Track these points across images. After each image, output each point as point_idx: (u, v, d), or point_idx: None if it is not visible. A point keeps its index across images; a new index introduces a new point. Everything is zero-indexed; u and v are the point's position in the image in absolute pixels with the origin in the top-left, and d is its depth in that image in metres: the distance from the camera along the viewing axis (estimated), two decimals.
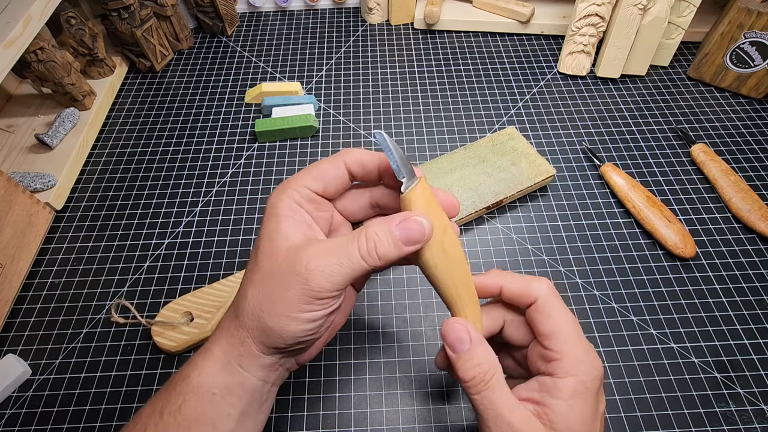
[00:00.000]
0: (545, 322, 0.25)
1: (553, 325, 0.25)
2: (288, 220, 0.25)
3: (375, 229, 0.23)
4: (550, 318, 0.25)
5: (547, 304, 0.25)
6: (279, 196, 0.25)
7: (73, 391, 0.37)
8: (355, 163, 0.26)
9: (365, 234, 0.23)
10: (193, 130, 0.55)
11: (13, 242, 0.41)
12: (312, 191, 0.26)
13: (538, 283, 0.26)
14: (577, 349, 0.24)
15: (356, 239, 0.23)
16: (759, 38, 0.51)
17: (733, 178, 0.46)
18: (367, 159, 0.26)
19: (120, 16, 0.56)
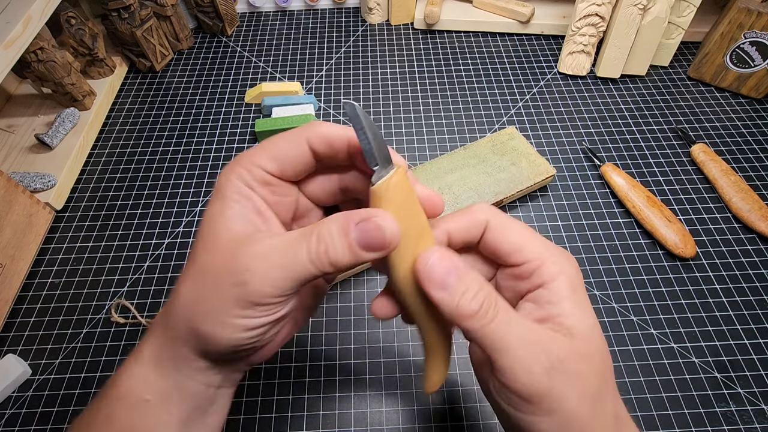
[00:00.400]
0: (506, 238, 0.22)
1: (515, 236, 0.22)
2: (234, 205, 0.21)
3: (329, 228, 0.20)
4: (508, 231, 0.22)
5: (498, 222, 0.23)
6: (227, 175, 0.22)
7: (73, 391, 0.37)
8: (319, 141, 0.22)
9: (317, 233, 0.20)
10: (193, 130, 0.55)
11: (13, 242, 0.41)
12: (267, 172, 0.22)
13: (478, 207, 0.23)
14: (549, 253, 0.22)
15: (307, 238, 0.20)
16: (759, 38, 0.51)
17: (733, 178, 0.46)
18: (334, 135, 0.22)
19: (120, 16, 0.56)
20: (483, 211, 0.23)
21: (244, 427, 0.35)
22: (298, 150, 0.22)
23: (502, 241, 0.22)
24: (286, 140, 0.22)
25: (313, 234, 0.20)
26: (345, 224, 0.19)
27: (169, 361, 0.21)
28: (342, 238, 0.19)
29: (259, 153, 0.22)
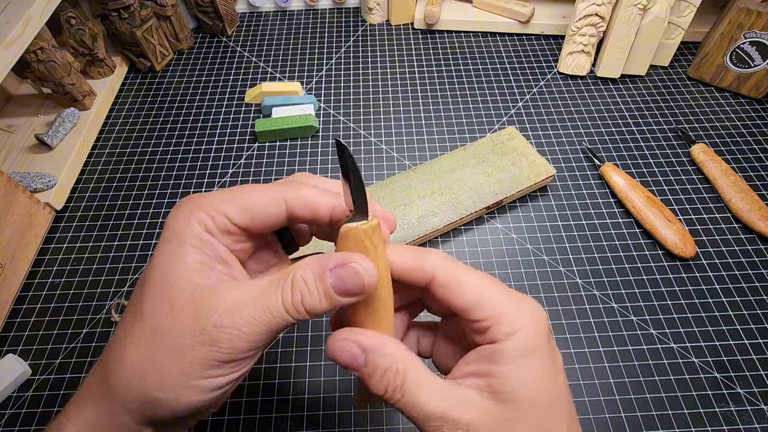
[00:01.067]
0: (456, 295, 0.20)
1: (466, 293, 0.20)
2: (194, 252, 0.19)
3: (303, 275, 0.19)
4: (459, 288, 0.20)
5: (449, 276, 0.20)
6: (186, 218, 0.19)
7: (73, 391, 0.37)
8: (300, 206, 0.21)
9: (291, 280, 0.19)
10: (193, 130, 0.55)
11: (13, 242, 0.41)
12: (233, 223, 0.20)
13: (429, 256, 0.21)
14: (507, 307, 0.20)
15: (280, 286, 0.19)
16: (759, 38, 0.51)
17: (733, 178, 0.46)
18: (317, 202, 0.21)
19: (120, 16, 0.56)
20: (433, 261, 0.21)
21: (244, 427, 0.35)
22: (274, 210, 0.20)
23: (455, 297, 0.20)
24: (262, 195, 0.20)
25: (287, 282, 0.19)
26: (320, 271, 0.19)
27: (108, 430, 0.19)
28: (318, 285, 0.19)
29: (227, 201, 0.20)
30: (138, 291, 0.20)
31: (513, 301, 0.20)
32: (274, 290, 0.19)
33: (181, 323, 0.18)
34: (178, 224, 0.19)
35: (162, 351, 0.18)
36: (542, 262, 0.43)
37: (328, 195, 0.21)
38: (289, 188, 0.21)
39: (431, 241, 0.45)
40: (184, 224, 0.19)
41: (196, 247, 0.19)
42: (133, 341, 0.18)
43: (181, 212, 0.20)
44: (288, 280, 0.19)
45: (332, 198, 0.21)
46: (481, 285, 0.20)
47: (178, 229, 0.19)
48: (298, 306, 0.18)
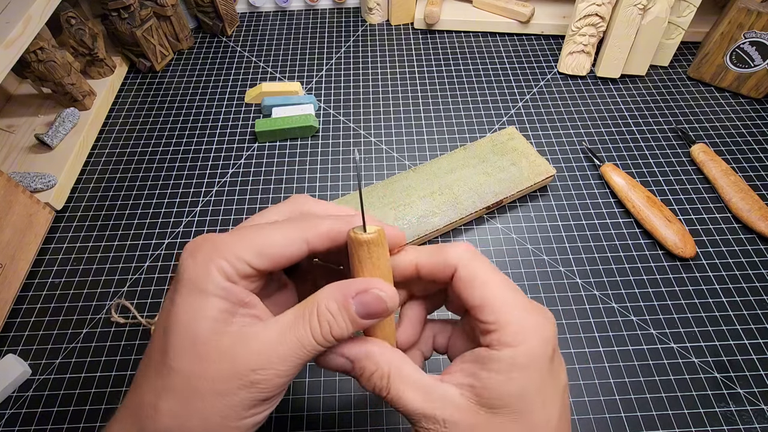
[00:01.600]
0: (471, 293, 0.20)
1: (481, 293, 0.20)
2: (219, 303, 0.19)
3: (327, 306, 0.19)
4: (475, 286, 0.20)
5: (468, 271, 0.21)
6: (205, 266, 0.19)
7: (73, 391, 0.37)
8: (322, 241, 0.21)
9: (317, 313, 0.19)
10: (193, 130, 0.55)
11: (13, 242, 0.41)
12: (253, 267, 0.20)
13: (453, 249, 0.21)
14: (516, 317, 0.19)
15: (307, 320, 0.19)
16: (759, 38, 0.51)
17: (733, 178, 0.46)
18: (337, 232, 0.21)
19: (120, 16, 0.56)
20: (457, 255, 0.21)
21: None
22: (296, 251, 0.20)
23: (467, 292, 0.21)
24: (281, 236, 0.20)
25: (312, 315, 0.19)
26: (344, 300, 0.19)
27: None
28: (344, 314, 0.19)
29: (245, 245, 0.20)
30: (159, 343, 0.19)
31: (524, 313, 0.20)
32: (302, 325, 0.19)
33: (217, 373, 0.18)
34: (198, 273, 0.19)
35: (200, 400, 0.18)
36: (542, 262, 0.43)
37: (341, 220, 0.21)
38: (308, 225, 0.21)
39: (431, 242, 0.45)
40: (203, 273, 0.19)
41: (219, 297, 0.19)
42: (167, 395, 0.18)
43: (199, 259, 0.19)
44: (314, 313, 0.19)
45: (349, 223, 0.21)
46: (497, 287, 0.20)
47: (198, 278, 0.19)
48: (328, 336, 0.19)
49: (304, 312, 0.19)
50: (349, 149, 0.53)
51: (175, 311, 0.19)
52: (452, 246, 0.22)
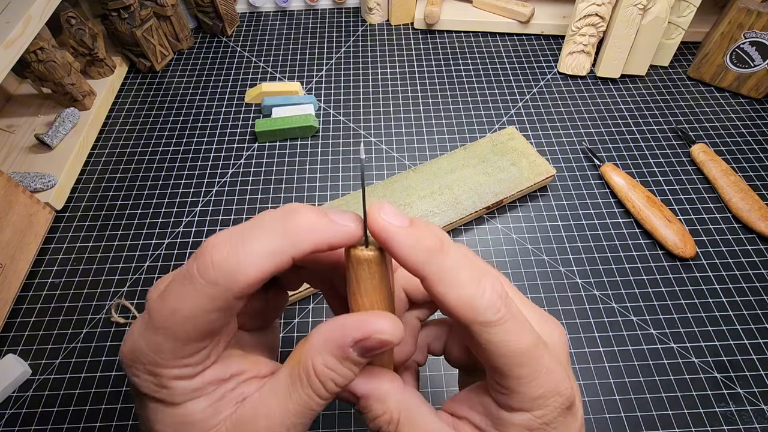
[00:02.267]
0: (483, 351, 0.17)
1: (497, 353, 0.17)
2: (198, 404, 0.17)
3: (325, 363, 0.16)
4: (490, 345, 0.17)
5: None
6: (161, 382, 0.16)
7: (73, 391, 0.37)
8: (260, 284, 0.16)
9: (315, 373, 0.16)
10: (193, 130, 0.55)
11: (13, 242, 0.41)
12: (206, 349, 0.17)
13: (485, 294, 0.17)
14: (535, 383, 0.17)
15: (306, 383, 0.16)
16: (759, 38, 0.51)
17: (733, 178, 0.46)
18: (274, 266, 0.16)
19: (120, 16, 0.56)
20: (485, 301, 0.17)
21: None
22: (233, 310, 0.17)
23: (477, 348, 0.17)
24: (209, 313, 0.16)
25: (310, 375, 0.16)
26: (341, 352, 0.16)
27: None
28: (345, 363, 0.17)
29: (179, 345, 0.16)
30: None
31: (543, 377, 0.17)
32: (302, 389, 0.17)
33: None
34: (154, 392, 0.16)
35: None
36: (542, 262, 0.43)
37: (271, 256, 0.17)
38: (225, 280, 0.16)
39: None
40: (161, 389, 0.16)
41: (195, 398, 0.17)
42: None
43: (143, 379, 0.16)
44: (311, 374, 0.17)
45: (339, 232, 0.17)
46: (513, 342, 0.17)
47: (160, 396, 0.16)
48: (333, 390, 0.17)
49: (300, 373, 0.17)
50: (350, 149, 0.53)
51: (154, 427, 0.17)
52: (483, 286, 0.17)
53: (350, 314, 0.17)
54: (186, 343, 0.16)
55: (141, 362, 0.16)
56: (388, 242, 0.16)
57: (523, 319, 0.17)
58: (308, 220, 0.16)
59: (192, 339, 0.16)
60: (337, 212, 0.17)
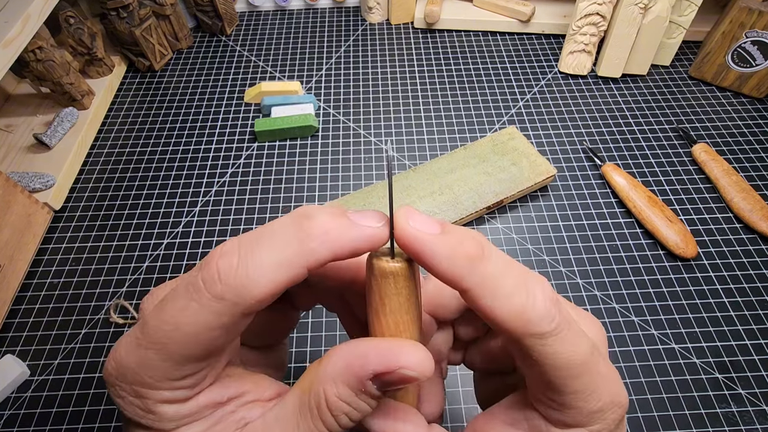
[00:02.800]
0: (534, 365, 0.15)
1: (553, 366, 0.14)
2: (191, 430, 0.15)
3: (339, 395, 0.14)
4: (544, 359, 0.15)
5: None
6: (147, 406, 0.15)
7: (71, 391, 0.37)
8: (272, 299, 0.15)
9: (327, 405, 0.14)
10: (192, 130, 0.55)
11: (11, 242, 0.41)
12: (199, 372, 0.15)
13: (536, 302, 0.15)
14: (592, 397, 0.15)
15: (317, 415, 0.15)
16: (760, 37, 0.51)
17: (735, 178, 0.46)
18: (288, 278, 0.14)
19: (119, 16, 0.56)
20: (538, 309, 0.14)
21: None
22: (239, 328, 0.15)
23: (527, 362, 0.15)
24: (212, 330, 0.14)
25: (322, 407, 0.14)
26: (358, 384, 0.14)
27: None
28: (362, 397, 0.15)
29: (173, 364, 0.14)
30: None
31: (601, 388, 0.15)
32: (313, 422, 0.14)
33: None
34: (140, 416, 0.15)
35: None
36: (543, 263, 0.43)
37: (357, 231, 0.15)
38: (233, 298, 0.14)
39: None
40: (147, 415, 0.15)
41: (187, 425, 0.15)
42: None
43: (127, 402, 0.15)
44: (322, 406, 0.14)
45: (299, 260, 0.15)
46: (583, 351, 0.15)
47: (146, 422, 0.15)
48: (348, 424, 0.15)
49: (310, 402, 0.15)
50: (349, 149, 0.52)
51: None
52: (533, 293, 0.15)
53: (372, 339, 0.15)
54: (182, 363, 0.14)
55: (127, 381, 0.14)
56: (422, 254, 0.14)
57: (577, 324, 0.15)
58: (324, 224, 0.14)
59: (190, 359, 0.14)
60: (357, 212, 0.15)
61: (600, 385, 0.15)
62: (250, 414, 0.16)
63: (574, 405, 0.15)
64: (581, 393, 0.15)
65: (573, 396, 0.15)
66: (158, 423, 0.15)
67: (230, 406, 0.16)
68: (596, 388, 0.15)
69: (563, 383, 0.14)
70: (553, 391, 0.15)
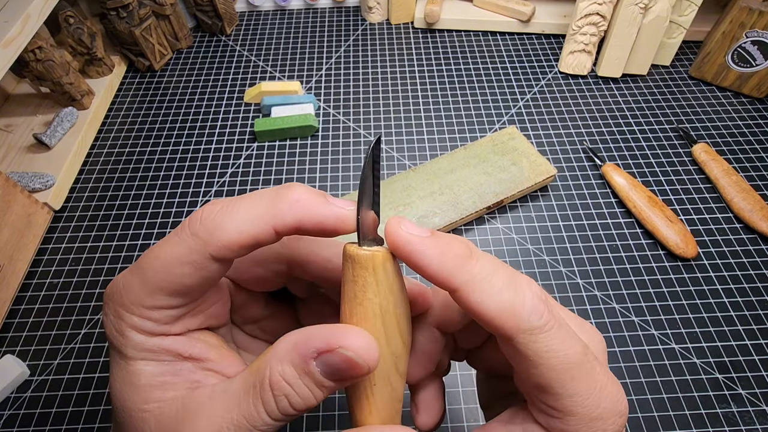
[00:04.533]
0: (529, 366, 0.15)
1: (547, 365, 0.14)
2: (146, 367, 0.16)
3: (282, 373, 0.15)
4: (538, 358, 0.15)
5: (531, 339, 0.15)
6: (116, 327, 0.16)
7: (71, 392, 0.37)
8: (238, 250, 0.15)
9: (269, 382, 0.15)
10: (192, 130, 0.55)
11: (11, 242, 0.41)
12: (174, 308, 0.16)
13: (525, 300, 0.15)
14: (589, 403, 0.15)
15: (257, 393, 0.15)
16: (760, 37, 0.51)
17: (735, 178, 0.46)
18: (255, 231, 0.15)
19: (119, 15, 0.56)
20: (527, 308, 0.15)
21: None
22: (206, 272, 0.15)
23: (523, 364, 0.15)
24: (183, 265, 0.15)
25: (264, 385, 0.15)
26: (301, 362, 0.14)
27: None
28: (305, 380, 0.15)
29: (147, 291, 0.15)
30: (113, 418, 0.16)
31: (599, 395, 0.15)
32: (252, 400, 0.15)
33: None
34: (114, 336, 0.16)
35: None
36: (543, 263, 0.43)
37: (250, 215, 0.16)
38: (202, 230, 0.15)
39: None
40: (118, 336, 0.16)
41: (147, 360, 0.16)
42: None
43: (111, 317, 0.16)
44: (265, 383, 0.15)
45: (278, 215, 0.16)
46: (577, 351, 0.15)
47: (117, 342, 0.16)
48: (287, 410, 0.15)
49: (254, 381, 0.15)
50: (349, 149, 0.52)
51: (111, 382, 0.16)
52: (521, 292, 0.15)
53: (322, 325, 0.15)
54: (154, 291, 0.15)
55: (113, 301, 0.16)
56: (413, 254, 0.15)
57: (568, 327, 0.15)
58: (298, 194, 0.16)
59: (161, 289, 0.15)
60: (339, 199, 0.17)
61: (597, 390, 0.15)
62: (206, 380, 0.16)
63: (573, 411, 0.15)
64: (578, 397, 0.14)
65: (570, 400, 0.14)
66: (124, 347, 0.16)
67: (190, 365, 0.16)
68: (593, 393, 0.15)
69: (559, 385, 0.14)
70: (551, 394, 0.15)
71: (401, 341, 0.16)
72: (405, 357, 0.17)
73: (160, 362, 0.16)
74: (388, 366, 0.16)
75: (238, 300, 0.20)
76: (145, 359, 0.16)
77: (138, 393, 0.16)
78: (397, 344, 0.16)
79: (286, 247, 0.19)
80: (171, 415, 0.15)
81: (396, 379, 0.17)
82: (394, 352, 0.16)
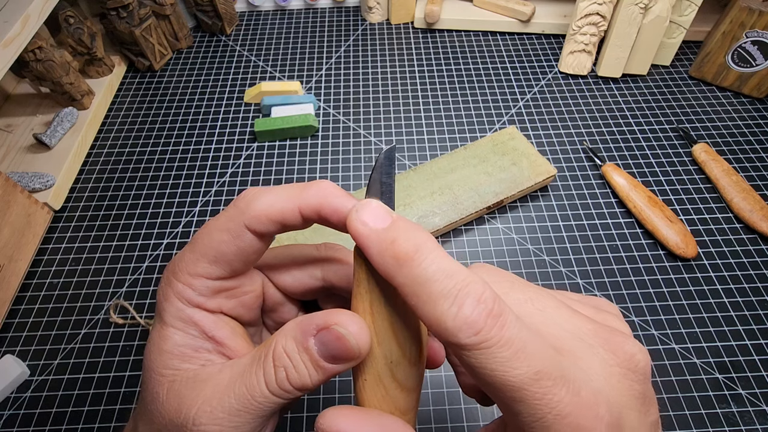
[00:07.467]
0: (475, 378, 0.14)
1: (488, 382, 0.13)
2: (173, 335, 0.17)
3: (285, 346, 0.16)
4: (479, 372, 0.13)
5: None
6: (164, 293, 0.18)
7: (71, 392, 0.37)
8: (261, 223, 0.17)
9: (272, 355, 0.16)
10: (192, 130, 0.55)
11: (11, 242, 0.41)
12: (213, 279, 0.17)
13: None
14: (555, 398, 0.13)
15: (261, 364, 0.16)
16: (760, 37, 0.51)
17: (735, 178, 0.46)
18: (279, 210, 0.17)
19: (119, 15, 0.56)
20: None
21: None
22: (241, 242, 0.17)
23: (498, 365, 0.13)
24: (222, 232, 0.17)
25: (268, 356, 0.16)
26: (302, 338, 0.16)
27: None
28: (303, 356, 0.15)
29: (194, 258, 0.17)
30: (142, 380, 0.18)
31: (548, 415, 0.13)
32: (255, 370, 0.16)
33: (167, 415, 0.16)
34: (160, 301, 0.18)
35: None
36: (543, 263, 0.43)
37: (287, 193, 0.17)
38: (244, 208, 0.17)
39: None
40: (163, 301, 0.18)
41: (177, 328, 0.17)
42: (142, 419, 0.18)
43: (162, 285, 0.18)
44: (269, 355, 0.16)
45: (295, 196, 0.17)
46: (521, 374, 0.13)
47: (161, 307, 0.18)
48: (284, 384, 0.15)
49: (260, 354, 0.16)
50: (349, 149, 0.52)
51: (147, 345, 0.18)
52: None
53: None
54: (199, 258, 0.17)
55: (168, 269, 0.18)
56: (363, 248, 0.15)
57: (525, 343, 0.13)
58: (324, 185, 0.17)
59: (204, 255, 0.17)
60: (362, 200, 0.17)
61: (555, 418, 0.13)
62: (218, 361, 0.18)
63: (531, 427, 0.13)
64: (529, 417, 0.13)
65: (525, 419, 0.13)
66: (165, 312, 0.17)
67: (210, 345, 0.18)
68: (547, 419, 0.13)
69: (507, 403, 0.13)
70: (505, 410, 0.14)
71: (396, 345, 0.16)
72: (405, 366, 0.16)
73: (187, 334, 0.17)
74: (380, 365, 0.16)
75: (273, 300, 0.21)
76: (176, 327, 0.17)
77: (161, 357, 0.17)
78: (391, 348, 0.16)
79: (322, 252, 0.20)
80: (182, 384, 0.17)
81: (390, 383, 0.16)
82: (386, 354, 0.16)
